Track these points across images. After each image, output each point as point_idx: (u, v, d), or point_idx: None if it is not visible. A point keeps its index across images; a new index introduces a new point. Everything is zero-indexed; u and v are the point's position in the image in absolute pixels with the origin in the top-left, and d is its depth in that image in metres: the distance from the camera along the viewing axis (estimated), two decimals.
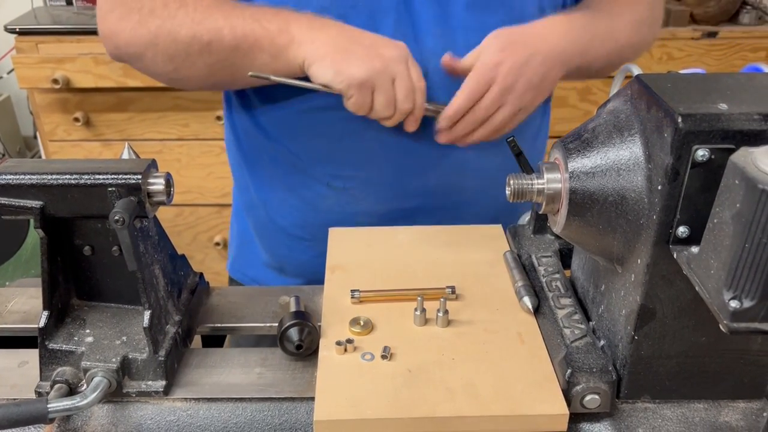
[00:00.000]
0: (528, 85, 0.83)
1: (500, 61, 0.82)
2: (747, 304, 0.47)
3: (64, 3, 2.23)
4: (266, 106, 0.98)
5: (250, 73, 0.85)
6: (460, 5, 0.90)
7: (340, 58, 0.81)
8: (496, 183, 0.87)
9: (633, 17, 0.99)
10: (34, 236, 0.66)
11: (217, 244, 2.25)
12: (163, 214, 0.70)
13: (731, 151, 0.50)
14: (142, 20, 0.88)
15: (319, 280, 0.80)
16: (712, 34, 2.13)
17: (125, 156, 0.70)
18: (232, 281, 1.17)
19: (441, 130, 0.88)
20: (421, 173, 0.97)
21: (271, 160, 1.01)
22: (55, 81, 1.97)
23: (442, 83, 0.89)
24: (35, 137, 2.60)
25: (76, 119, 2.08)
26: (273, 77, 0.85)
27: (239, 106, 1.02)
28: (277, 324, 0.71)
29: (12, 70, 2.13)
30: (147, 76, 0.96)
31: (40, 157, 2.56)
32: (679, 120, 0.52)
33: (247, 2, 0.89)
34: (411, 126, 0.87)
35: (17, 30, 2.03)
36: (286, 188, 1.02)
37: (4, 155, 2.57)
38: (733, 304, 0.48)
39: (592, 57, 0.94)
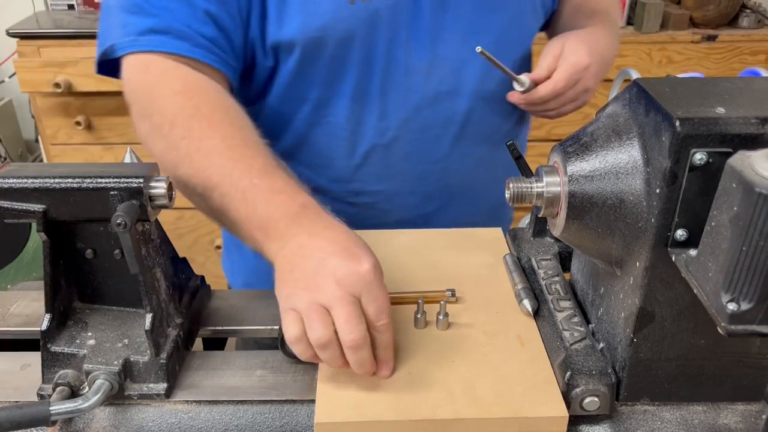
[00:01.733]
0: (595, 87, 0.96)
1: (589, 65, 0.92)
2: (745, 306, 0.48)
3: (65, 7, 2.24)
4: (281, 131, 0.96)
5: (478, 49, 0.87)
6: (467, 8, 0.92)
7: (284, 280, 0.67)
8: (505, 173, 0.95)
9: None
10: (36, 239, 0.66)
11: (218, 247, 2.25)
12: (165, 217, 0.70)
13: (729, 154, 0.51)
14: (152, 131, 0.81)
15: None
16: (712, 38, 2.14)
17: (127, 160, 0.70)
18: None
19: (516, 99, 0.97)
20: (441, 176, 1.00)
21: None
22: (57, 85, 1.98)
23: (452, 89, 0.94)
24: (37, 141, 2.60)
25: (78, 123, 2.09)
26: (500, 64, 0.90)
27: None
28: (278, 327, 0.72)
29: (14, 74, 2.14)
30: None
31: (41, 160, 2.57)
32: (677, 124, 0.52)
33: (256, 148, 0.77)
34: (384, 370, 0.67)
35: (19, 34, 2.04)
36: None
37: (5, 159, 2.57)
38: (731, 306, 0.48)
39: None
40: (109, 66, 0.86)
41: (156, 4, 0.81)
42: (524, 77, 0.93)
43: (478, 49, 0.88)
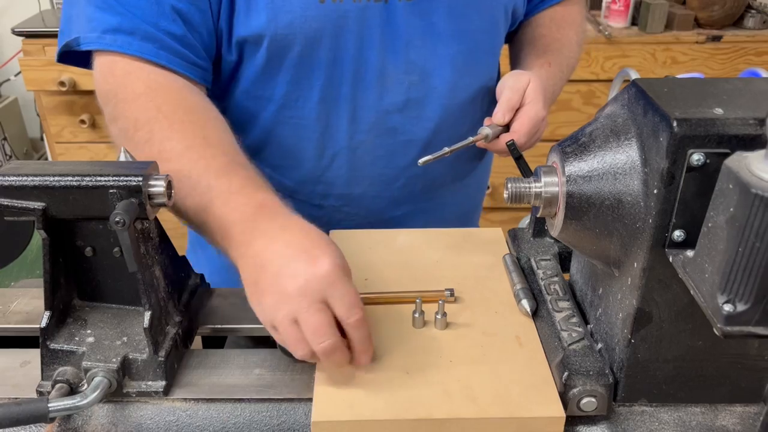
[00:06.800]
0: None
1: (544, 117, 0.95)
2: (741, 307, 0.47)
3: None
4: (248, 128, 0.95)
5: (420, 162, 0.88)
6: (440, 15, 0.91)
7: (252, 293, 0.67)
8: (473, 181, 1.10)
9: (578, 37, 1.12)
10: (39, 238, 0.66)
11: None
12: (164, 215, 0.71)
13: (726, 155, 0.51)
14: (120, 135, 0.81)
15: None
16: (717, 38, 2.13)
17: (122, 159, 0.70)
18: None
19: (481, 146, 0.96)
20: (408, 182, 1.00)
21: None
22: (62, 83, 1.99)
23: (422, 96, 0.94)
24: (42, 139, 2.62)
25: (82, 121, 2.10)
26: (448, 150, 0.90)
27: None
28: None
29: (19, 73, 2.15)
30: None
31: (46, 158, 2.58)
32: (675, 124, 0.52)
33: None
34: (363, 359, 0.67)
35: (25, 33, 2.05)
36: None
37: (11, 157, 2.59)
38: (727, 308, 0.48)
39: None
40: (72, 57, 0.86)
41: (123, 1, 0.80)
42: (487, 129, 0.93)
43: (420, 162, 0.88)
